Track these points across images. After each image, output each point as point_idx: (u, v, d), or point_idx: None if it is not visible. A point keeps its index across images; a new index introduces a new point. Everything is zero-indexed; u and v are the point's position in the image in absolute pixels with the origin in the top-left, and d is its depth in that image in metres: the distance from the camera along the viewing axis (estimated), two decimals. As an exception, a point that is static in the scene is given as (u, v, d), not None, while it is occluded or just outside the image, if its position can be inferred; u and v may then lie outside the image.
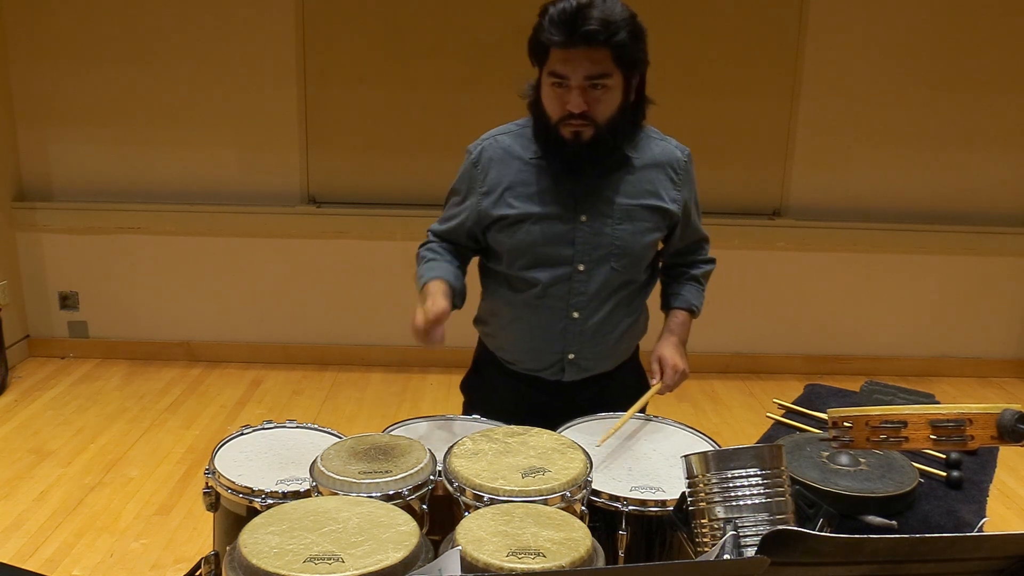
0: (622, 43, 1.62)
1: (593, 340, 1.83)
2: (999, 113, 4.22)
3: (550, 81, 1.66)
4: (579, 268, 1.78)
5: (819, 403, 2.05)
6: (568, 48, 1.60)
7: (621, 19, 1.62)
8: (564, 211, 1.76)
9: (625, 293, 1.84)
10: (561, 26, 1.59)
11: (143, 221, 4.22)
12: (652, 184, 1.80)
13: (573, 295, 1.79)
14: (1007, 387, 4.43)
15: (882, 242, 4.32)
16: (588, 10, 1.58)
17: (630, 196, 1.78)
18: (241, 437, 1.66)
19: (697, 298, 1.98)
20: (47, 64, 4.10)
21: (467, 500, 1.34)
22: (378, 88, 4.11)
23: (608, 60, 1.62)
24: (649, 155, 1.82)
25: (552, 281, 1.79)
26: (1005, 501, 3.22)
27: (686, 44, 4.11)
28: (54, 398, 3.89)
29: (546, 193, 1.76)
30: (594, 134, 1.68)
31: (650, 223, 1.80)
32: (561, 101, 1.66)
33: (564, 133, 1.68)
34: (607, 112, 1.67)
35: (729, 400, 4.10)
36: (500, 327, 1.90)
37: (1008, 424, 1.09)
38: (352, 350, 4.39)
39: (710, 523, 1.21)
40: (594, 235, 1.76)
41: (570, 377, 1.85)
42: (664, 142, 1.86)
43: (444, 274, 1.80)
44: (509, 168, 1.79)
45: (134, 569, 2.65)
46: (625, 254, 1.78)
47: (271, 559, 1.11)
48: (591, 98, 1.65)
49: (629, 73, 1.69)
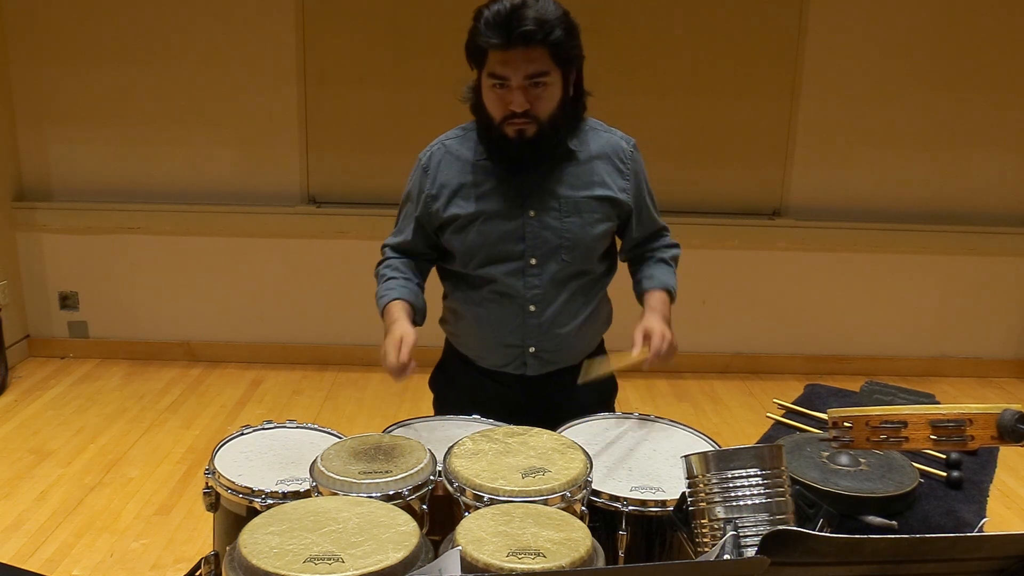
0: (558, 41, 1.65)
1: (551, 332, 1.85)
2: (999, 113, 4.22)
3: (490, 83, 1.69)
4: (531, 262, 1.81)
5: (819, 403, 2.05)
6: (506, 49, 1.63)
7: (555, 17, 1.64)
8: (512, 208, 1.80)
9: (581, 283, 1.86)
10: (497, 28, 1.62)
11: (143, 221, 4.22)
12: (598, 175, 1.82)
13: (528, 289, 1.82)
14: (1007, 387, 4.43)
15: (882, 242, 4.32)
16: (523, 10, 1.61)
17: (576, 188, 1.81)
18: (241, 437, 1.66)
19: (670, 279, 1.93)
20: (47, 64, 4.10)
21: (467, 500, 1.34)
22: (378, 88, 4.11)
23: (546, 58, 1.65)
24: (594, 147, 1.84)
25: (506, 276, 1.82)
26: (1005, 501, 3.22)
27: (686, 44, 4.11)
28: (54, 398, 3.89)
29: (493, 192, 1.80)
30: (537, 131, 1.71)
31: (599, 214, 1.82)
32: (503, 101, 1.69)
33: (508, 132, 1.72)
34: (548, 109, 1.70)
35: (729, 400, 4.10)
36: (462, 325, 1.94)
37: (1008, 424, 1.09)
38: (352, 350, 4.39)
39: (710, 523, 1.21)
40: (543, 229, 1.80)
41: (533, 371, 1.88)
42: (609, 133, 1.89)
43: (403, 294, 1.83)
44: (456, 171, 1.84)
45: (134, 569, 2.65)
46: (576, 246, 1.81)
47: (271, 559, 1.11)
48: (532, 96, 1.68)
49: (566, 69, 1.72)
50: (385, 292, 1.85)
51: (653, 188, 1.96)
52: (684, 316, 4.76)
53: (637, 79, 4.11)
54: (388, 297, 1.83)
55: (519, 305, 1.83)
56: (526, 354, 1.86)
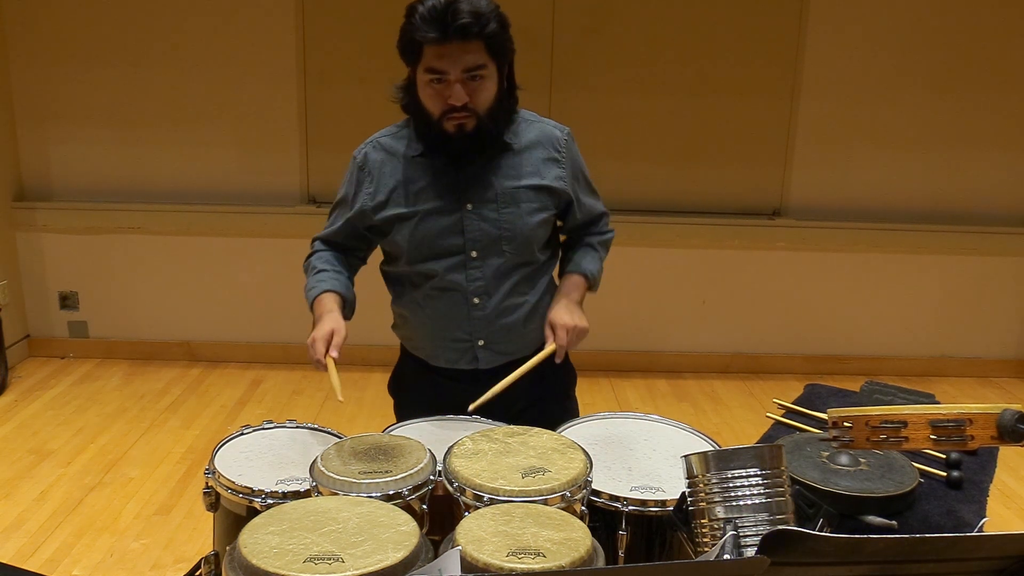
0: (493, 33, 1.66)
1: (498, 323, 1.86)
2: (999, 113, 4.22)
3: (427, 78, 1.70)
4: (472, 255, 1.82)
5: (819, 403, 2.05)
6: (443, 43, 1.64)
7: (489, 10, 1.66)
8: (450, 202, 1.81)
9: (524, 273, 1.87)
10: (433, 23, 1.63)
11: (143, 221, 4.22)
12: (533, 165, 1.83)
13: (470, 281, 1.83)
14: (1007, 387, 4.43)
15: (882, 242, 4.32)
16: (458, 4, 1.62)
17: (512, 179, 1.81)
18: (241, 437, 1.66)
19: (592, 263, 1.93)
20: (47, 64, 4.10)
21: (467, 500, 1.34)
22: (378, 88, 4.09)
23: (482, 51, 1.67)
24: (528, 137, 1.84)
25: (447, 271, 1.83)
26: (1005, 501, 3.22)
27: (686, 44, 4.11)
28: (54, 398, 3.89)
29: (431, 187, 1.81)
30: (477, 124, 1.72)
31: (536, 203, 1.82)
32: (441, 96, 1.69)
33: (447, 127, 1.72)
34: (487, 101, 1.72)
35: (729, 400, 4.10)
36: (410, 326, 1.95)
37: (1008, 424, 1.09)
38: (352, 350, 4.35)
39: (710, 523, 1.21)
40: (482, 221, 1.80)
41: (486, 364, 1.88)
42: (541, 123, 1.88)
43: (335, 286, 1.86)
44: (393, 168, 1.84)
45: (134, 569, 2.65)
46: (515, 236, 1.82)
47: (271, 559, 1.11)
48: (471, 89, 1.69)
49: (501, 62, 1.73)
50: (315, 284, 1.88)
51: (654, 186, 1.96)
52: (684, 316, 4.79)
53: (637, 79, 4.11)
54: (318, 289, 1.85)
55: (463, 298, 1.84)
56: (476, 347, 1.87)
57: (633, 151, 4.17)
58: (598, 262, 1.97)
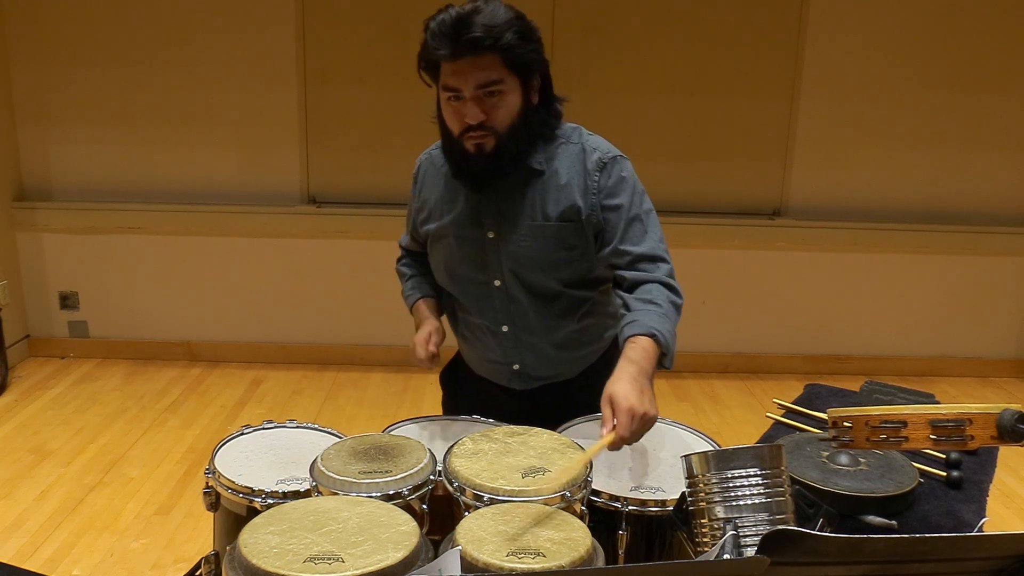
0: (509, 45, 1.55)
1: (532, 351, 1.80)
2: (999, 113, 4.23)
3: (446, 96, 1.62)
4: (495, 284, 1.75)
5: (819, 403, 2.05)
6: (456, 59, 1.56)
7: (505, 21, 1.55)
8: (474, 228, 1.74)
9: (555, 305, 1.76)
10: (444, 38, 1.55)
11: (143, 221, 4.22)
12: (560, 193, 1.68)
13: (497, 311, 1.78)
14: (1007, 387, 4.43)
15: (882, 242, 4.32)
16: (470, 17, 1.54)
17: (536, 208, 1.69)
18: (241, 437, 1.66)
19: (655, 320, 1.57)
20: (47, 64, 4.10)
21: (467, 500, 1.34)
22: (378, 88, 4.11)
23: (498, 65, 1.57)
24: (560, 161, 1.70)
25: (475, 298, 1.79)
26: (1005, 501, 3.22)
27: (686, 44, 4.11)
28: (54, 398, 3.89)
29: (460, 210, 1.75)
30: (496, 144, 1.62)
31: (557, 238, 1.69)
32: (459, 114, 1.61)
33: (467, 146, 1.63)
34: (506, 119, 1.61)
35: (729, 400, 4.10)
36: (458, 335, 1.95)
37: (1008, 424, 1.09)
38: (352, 350, 4.39)
39: (710, 523, 1.21)
40: (501, 252, 1.72)
41: (521, 386, 1.84)
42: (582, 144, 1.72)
43: (428, 291, 1.92)
44: (436, 183, 1.82)
45: (134, 569, 2.65)
46: (539, 269, 1.71)
47: (271, 559, 1.11)
48: (487, 107, 1.59)
49: (524, 76, 1.62)
50: (411, 292, 1.94)
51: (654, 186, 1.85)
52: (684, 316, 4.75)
53: (637, 79, 4.11)
54: (414, 296, 1.93)
55: (492, 325, 1.79)
56: (511, 370, 1.84)
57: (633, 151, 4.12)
58: (665, 321, 1.58)
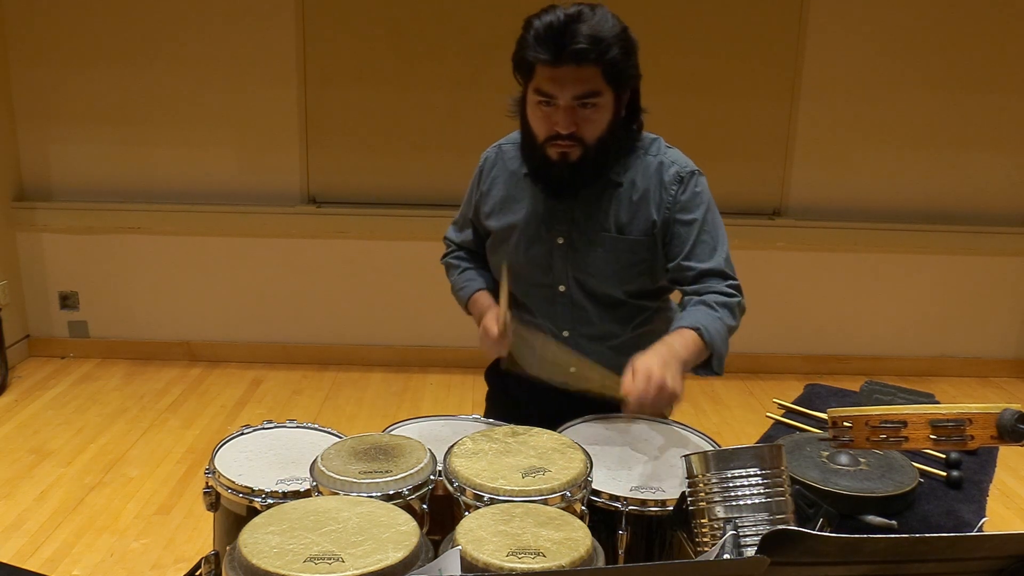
0: (613, 60, 1.52)
1: (590, 356, 1.78)
2: (999, 113, 4.22)
3: (536, 99, 1.58)
4: (560, 289, 1.74)
5: (819, 403, 2.05)
6: (555, 66, 1.51)
7: (612, 35, 1.52)
8: (543, 232, 1.72)
9: (621, 311, 1.77)
10: (547, 43, 1.50)
11: (143, 221, 4.22)
12: (633, 206, 1.69)
13: (558, 317, 1.76)
14: (1007, 387, 4.43)
15: (882, 242, 4.32)
16: (576, 25, 1.49)
17: (608, 219, 1.69)
18: (241, 437, 1.66)
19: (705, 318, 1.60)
20: (47, 64, 4.10)
21: (467, 500, 1.34)
22: (378, 88, 4.11)
23: (598, 78, 1.53)
24: (636, 173, 1.70)
25: (537, 300, 1.77)
26: (1005, 501, 3.22)
27: (686, 44, 4.11)
28: (54, 398, 3.89)
29: (529, 211, 1.73)
30: (582, 155, 1.60)
31: (626, 249, 1.70)
32: (548, 120, 1.58)
33: (551, 153, 1.61)
34: (596, 132, 1.59)
35: (729, 400, 4.10)
36: None
37: (1008, 424, 1.09)
38: (352, 350, 4.39)
39: (710, 523, 1.21)
40: (569, 260, 1.72)
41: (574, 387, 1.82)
42: (660, 157, 1.73)
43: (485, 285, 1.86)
44: (504, 179, 1.78)
45: (134, 569, 2.65)
46: (605, 279, 1.71)
47: (271, 559, 1.11)
48: (580, 118, 1.56)
49: (620, 90, 1.60)
50: (465, 284, 1.88)
51: None
52: (684, 316, 4.77)
53: (637, 79, 4.11)
54: (470, 288, 1.87)
55: (551, 329, 1.78)
56: (566, 372, 1.80)
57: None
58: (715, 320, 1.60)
